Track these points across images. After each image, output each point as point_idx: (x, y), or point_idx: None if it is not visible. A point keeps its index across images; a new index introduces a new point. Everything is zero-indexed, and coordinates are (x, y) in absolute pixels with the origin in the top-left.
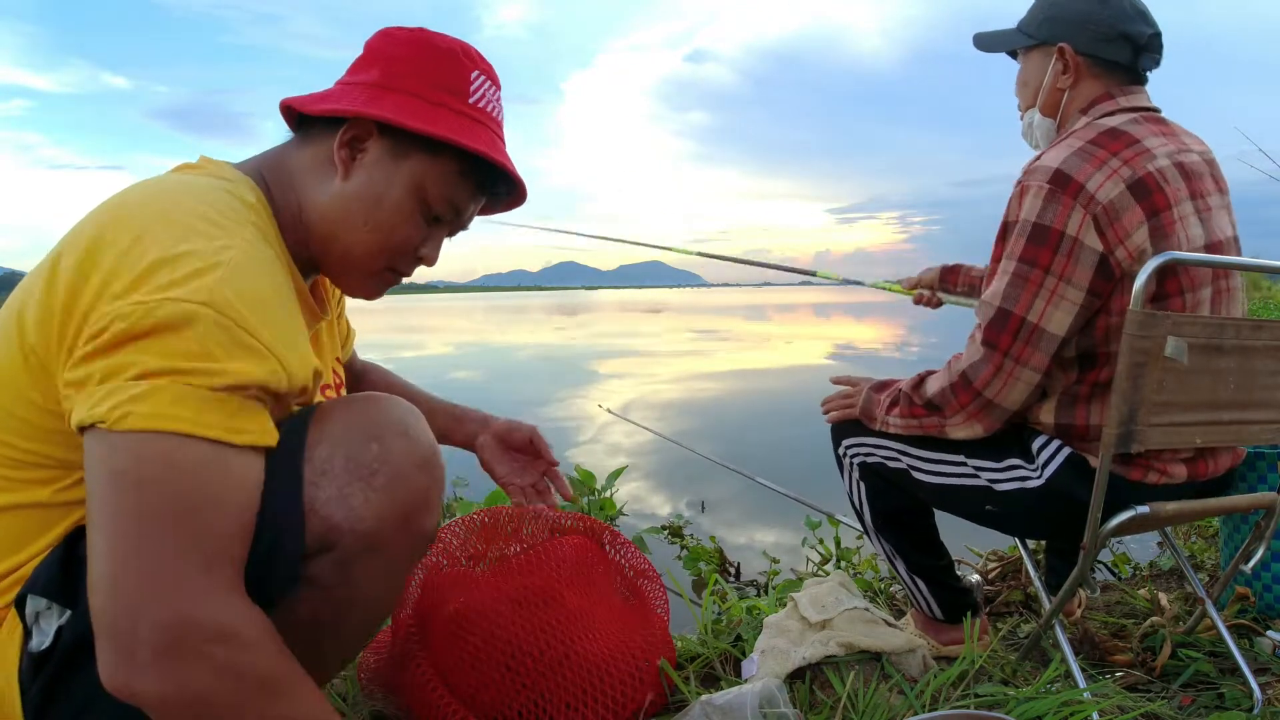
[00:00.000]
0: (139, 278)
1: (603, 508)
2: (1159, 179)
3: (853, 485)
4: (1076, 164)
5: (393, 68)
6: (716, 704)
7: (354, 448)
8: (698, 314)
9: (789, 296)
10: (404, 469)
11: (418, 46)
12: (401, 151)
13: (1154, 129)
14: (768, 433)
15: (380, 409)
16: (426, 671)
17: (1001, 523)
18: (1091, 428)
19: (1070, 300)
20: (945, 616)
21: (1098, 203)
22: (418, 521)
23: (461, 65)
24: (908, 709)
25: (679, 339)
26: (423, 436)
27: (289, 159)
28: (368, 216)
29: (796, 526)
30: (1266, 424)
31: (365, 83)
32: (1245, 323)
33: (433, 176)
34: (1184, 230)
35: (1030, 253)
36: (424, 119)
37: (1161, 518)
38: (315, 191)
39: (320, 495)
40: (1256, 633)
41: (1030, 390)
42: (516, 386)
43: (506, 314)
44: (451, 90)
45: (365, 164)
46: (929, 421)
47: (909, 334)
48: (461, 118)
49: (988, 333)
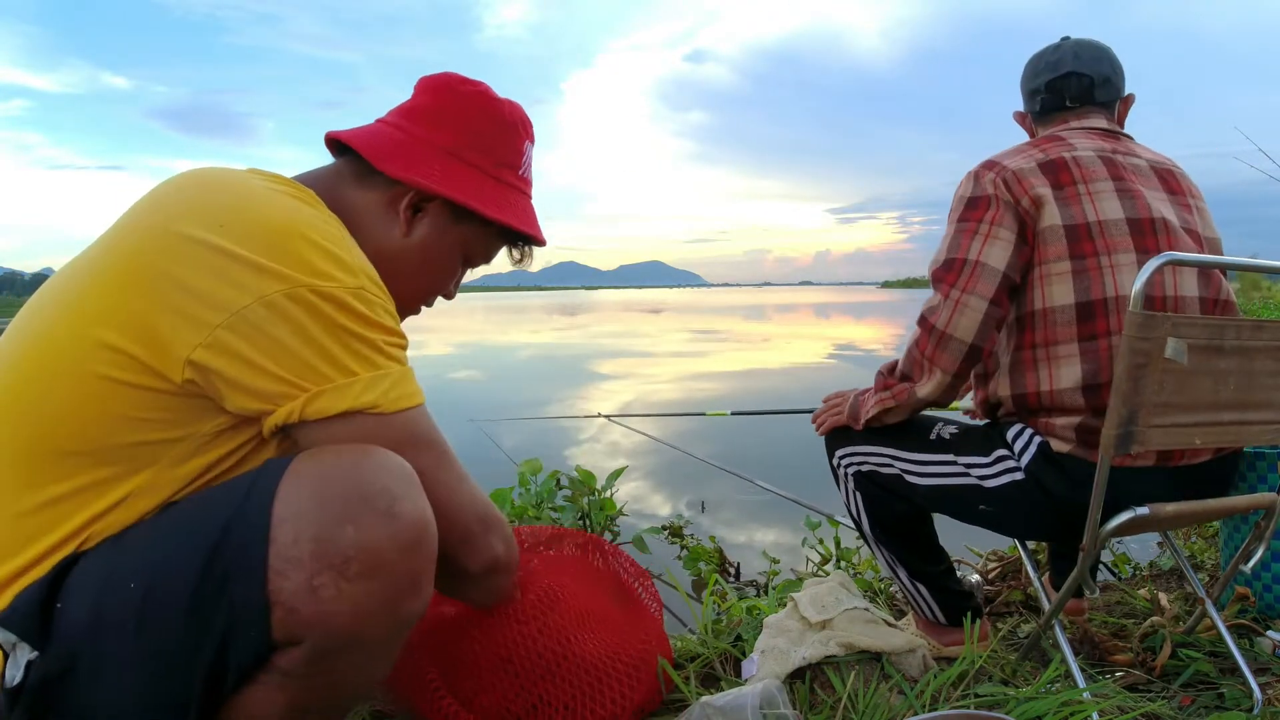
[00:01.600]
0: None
1: (603, 508)
2: (1070, 162)
3: (849, 496)
4: (1002, 155)
5: (463, 138)
6: (716, 705)
7: (325, 529)
8: (698, 314)
9: (789, 297)
10: (385, 556)
11: (487, 118)
12: (458, 220)
13: (1093, 136)
14: (768, 432)
15: (360, 476)
16: (429, 672)
17: (997, 523)
18: (1042, 394)
19: (1003, 240)
20: (947, 620)
21: (1008, 169)
22: (403, 609)
23: (519, 138)
24: (908, 709)
25: (679, 339)
26: (409, 513)
27: (349, 195)
28: (420, 269)
29: (796, 526)
30: (1266, 424)
31: (438, 147)
32: (1246, 323)
33: (481, 241)
34: (1095, 202)
35: (965, 214)
36: (491, 203)
37: (1161, 519)
38: (375, 236)
39: (286, 585)
40: (1256, 633)
41: (980, 318)
42: (516, 386)
43: (506, 314)
44: (510, 165)
45: (424, 223)
46: (899, 387)
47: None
48: (513, 191)
49: (935, 277)
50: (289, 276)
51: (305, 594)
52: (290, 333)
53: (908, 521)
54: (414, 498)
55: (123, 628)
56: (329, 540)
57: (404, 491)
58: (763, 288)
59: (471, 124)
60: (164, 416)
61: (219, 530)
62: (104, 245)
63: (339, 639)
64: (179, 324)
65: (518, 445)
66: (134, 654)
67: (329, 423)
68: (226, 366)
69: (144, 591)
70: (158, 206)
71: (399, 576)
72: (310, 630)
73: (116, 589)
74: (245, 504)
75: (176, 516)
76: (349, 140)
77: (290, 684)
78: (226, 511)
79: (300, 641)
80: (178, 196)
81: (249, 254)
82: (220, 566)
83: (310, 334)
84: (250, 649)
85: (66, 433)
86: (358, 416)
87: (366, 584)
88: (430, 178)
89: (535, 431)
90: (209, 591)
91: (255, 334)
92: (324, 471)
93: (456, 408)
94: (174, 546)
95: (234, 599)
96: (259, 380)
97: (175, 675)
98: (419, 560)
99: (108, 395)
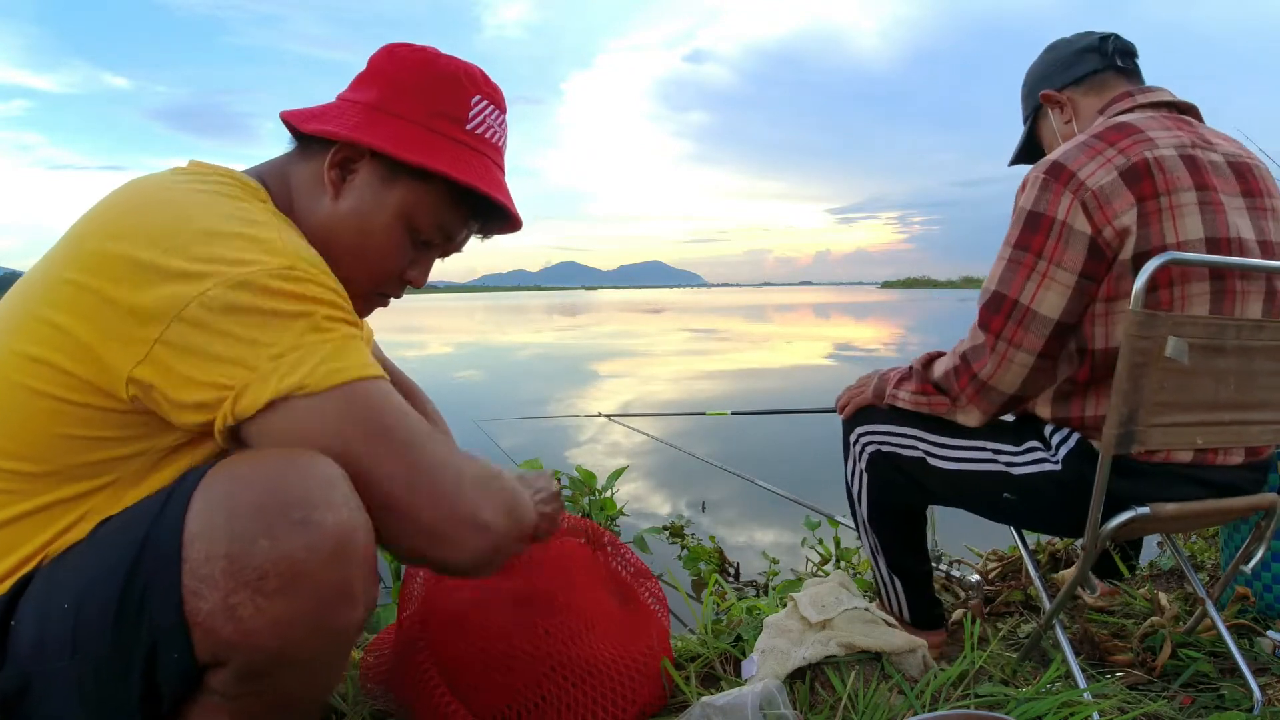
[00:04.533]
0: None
1: (603, 508)
2: (1153, 165)
3: (856, 474)
4: (1074, 155)
5: (391, 90)
6: (717, 705)
7: (237, 545)
8: (698, 314)
9: (789, 297)
10: (306, 567)
11: (419, 69)
12: (391, 177)
13: (1168, 123)
14: (768, 432)
15: (273, 484)
16: (429, 671)
17: (1016, 513)
18: (1088, 419)
19: (1061, 283)
20: (912, 620)
21: (1087, 189)
22: (334, 621)
23: (463, 90)
24: (908, 709)
25: (679, 339)
26: (329, 518)
27: (290, 172)
28: (359, 242)
29: (796, 527)
30: (1267, 424)
31: (363, 103)
32: (1246, 323)
33: (423, 203)
34: (1175, 220)
35: (1024, 239)
36: (414, 148)
37: (1162, 519)
38: (310, 208)
39: (202, 606)
40: (1256, 633)
41: (1027, 374)
42: (516, 386)
43: (506, 314)
44: (450, 117)
45: (355, 186)
46: (937, 400)
47: (909, 334)
48: (457, 145)
49: (982, 315)
50: (209, 274)
51: (222, 614)
52: (214, 334)
53: (905, 514)
54: (335, 502)
55: (59, 647)
56: (242, 556)
57: (323, 497)
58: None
59: (402, 78)
60: (117, 434)
61: (137, 547)
62: (44, 264)
63: (267, 656)
64: (116, 345)
65: (518, 445)
66: (73, 673)
67: (262, 419)
68: (162, 382)
69: (75, 611)
70: (91, 224)
71: (324, 588)
72: (233, 650)
73: (54, 608)
74: (159, 520)
75: (105, 534)
76: (284, 113)
77: (226, 704)
78: (143, 528)
79: (226, 661)
80: (107, 214)
81: (172, 262)
82: (138, 585)
83: (230, 329)
84: (175, 670)
85: (21, 454)
86: (286, 404)
87: (287, 600)
88: (346, 125)
89: (535, 431)
90: (130, 611)
91: (184, 343)
92: (236, 481)
93: (457, 408)
94: (99, 565)
95: (153, 619)
96: (192, 392)
97: (112, 695)
98: (346, 569)
99: (57, 414)
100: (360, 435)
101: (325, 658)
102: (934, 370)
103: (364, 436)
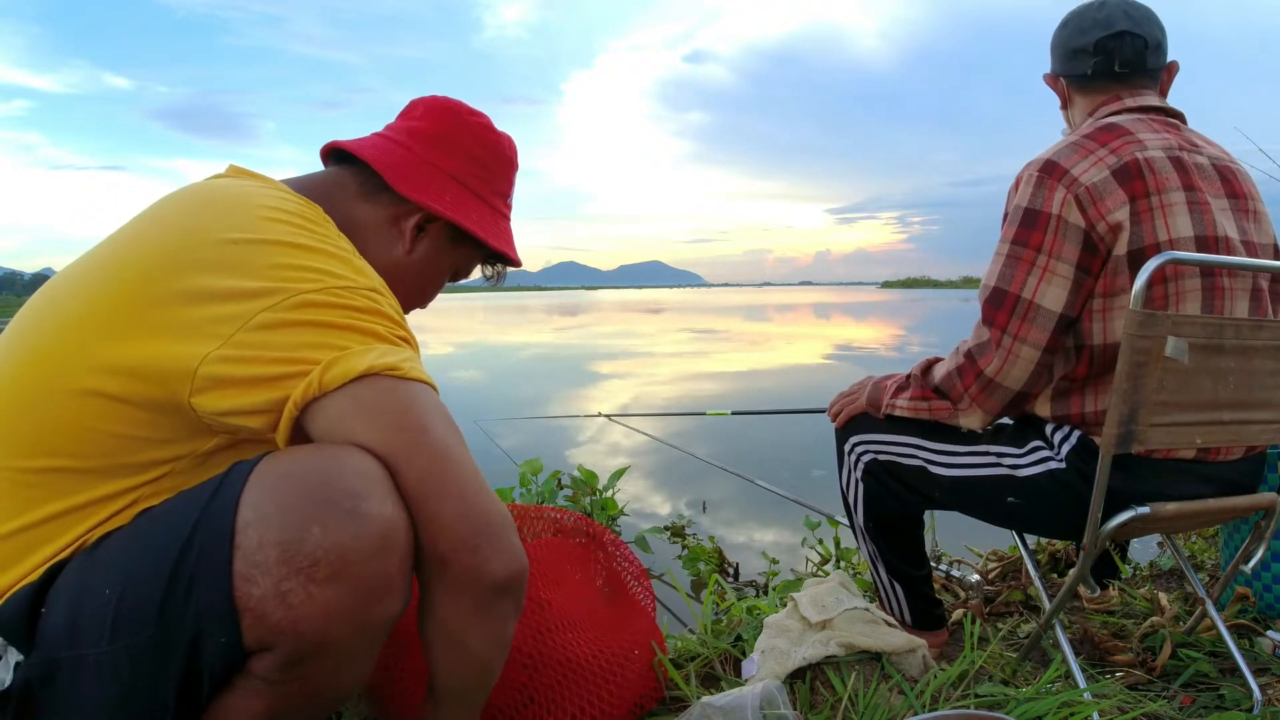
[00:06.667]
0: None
1: (604, 508)
2: (1144, 165)
3: (852, 485)
4: (1066, 154)
5: (468, 168)
6: (717, 705)
7: (290, 533)
8: (698, 314)
9: (789, 297)
10: (354, 557)
11: (489, 150)
12: (458, 241)
13: (1156, 126)
14: (768, 432)
15: (325, 475)
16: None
17: (1022, 517)
18: (1087, 414)
19: (1061, 276)
20: (914, 623)
21: (1081, 185)
22: (376, 611)
23: (513, 169)
24: (908, 709)
25: (679, 339)
26: (376, 510)
27: (353, 209)
28: (415, 284)
29: (796, 527)
30: (1267, 424)
31: (446, 172)
32: (1245, 322)
33: (471, 260)
34: (1167, 218)
35: (1022, 235)
36: (491, 231)
37: (1162, 519)
38: (382, 251)
39: (254, 592)
40: (1256, 633)
41: (1032, 369)
42: (516, 386)
43: (507, 314)
44: (503, 195)
45: (425, 242)
46: (938, 405)
47: (908, 334)
48: (504, 220)
49: (985, 312)
50: (298, 280)
51: (274, 600)
52: (304, 325)
53: (902, 522)
54: (381, 496)
55: (97, 634)
56: (294, 544)
57: (370, 490)
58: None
59: (475, 153)
60: (165, 436)
61: (185, 535)
62: (105, 259)
63: (312, 643)
64: (183, 349)
65: (518, 445)
66: (108, 660)
67: (341, 395)
68: (234, 367)
69: (117, 598)
70: (162, 225)
71: (369, 579)
72: (282, 635)
73: (92, 595)
74: (209, 508)
75: (148, 522)
76: (362, 154)
77: (267, 690)
78: (192, 516)
79: (273, 647)
80: (181, 216)
81: (247, 282)
82: (186, 572)
83: (322, 319)
84: (221, 655)
85: (68, 451)
86: (378, 379)
87: (336, 587)
88: (442, 202)
89: (536, 431)
90: (177, 597)
91: (278, 320)
92: (287, 472)
93: (458, 408)
94: (144, 552)
95: (201, 605)
96: (272, 367)
97: (150, 681)
98: (390, 562)
99: (109, 415)
100: (442, 426)
101: (363, 647)
102: (934, 374)
103: (445, 427)
